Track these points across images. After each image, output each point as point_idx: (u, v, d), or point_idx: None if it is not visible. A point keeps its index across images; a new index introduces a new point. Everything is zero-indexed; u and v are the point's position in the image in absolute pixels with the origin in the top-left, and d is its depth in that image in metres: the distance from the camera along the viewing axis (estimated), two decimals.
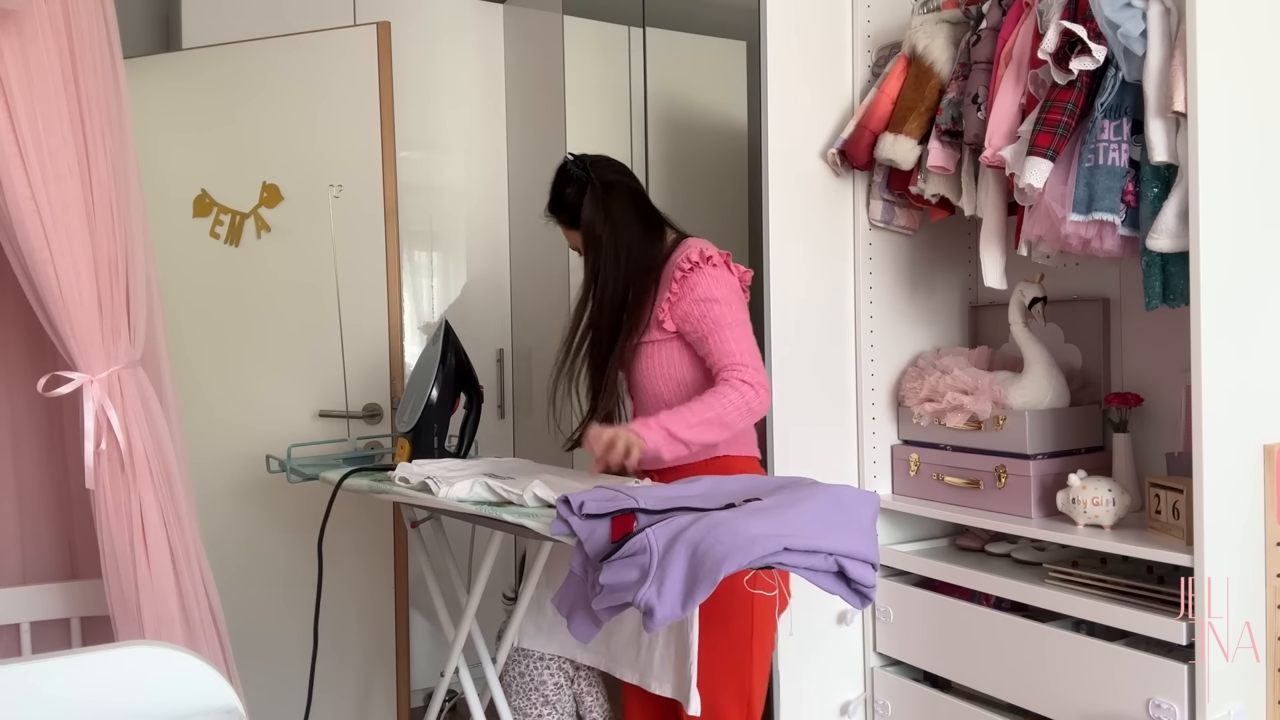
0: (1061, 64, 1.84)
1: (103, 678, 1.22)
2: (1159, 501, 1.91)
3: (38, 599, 1.85)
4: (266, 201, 2.78)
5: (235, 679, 1.72)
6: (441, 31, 3.30)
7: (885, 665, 2.38)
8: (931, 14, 2.23)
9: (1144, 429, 2.19)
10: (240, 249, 2.78)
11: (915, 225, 2.41)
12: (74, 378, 1.58)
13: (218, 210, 2.78)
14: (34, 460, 1.91)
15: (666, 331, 1.94)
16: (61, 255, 1.52)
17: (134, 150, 1.68)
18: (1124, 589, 1.90)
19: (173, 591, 1.64)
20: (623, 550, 1.36)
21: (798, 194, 2.30)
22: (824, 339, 2.34)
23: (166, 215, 2.75)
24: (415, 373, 2.18)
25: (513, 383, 3.42)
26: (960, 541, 2.38)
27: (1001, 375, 2.20)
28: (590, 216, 2.00)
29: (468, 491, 1.74)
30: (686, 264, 1.89)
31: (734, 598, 1.82)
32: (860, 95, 2.36)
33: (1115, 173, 1.81)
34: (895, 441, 2.44)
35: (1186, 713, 1.75)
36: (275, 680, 2.67)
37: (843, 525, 1.39)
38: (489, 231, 3.42)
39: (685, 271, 1.89)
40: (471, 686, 2.12)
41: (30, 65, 1.48)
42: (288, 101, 2.77)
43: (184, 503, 1.68)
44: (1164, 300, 1.84)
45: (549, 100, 3.14)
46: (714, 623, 1.85)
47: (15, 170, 1.47)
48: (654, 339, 1.96)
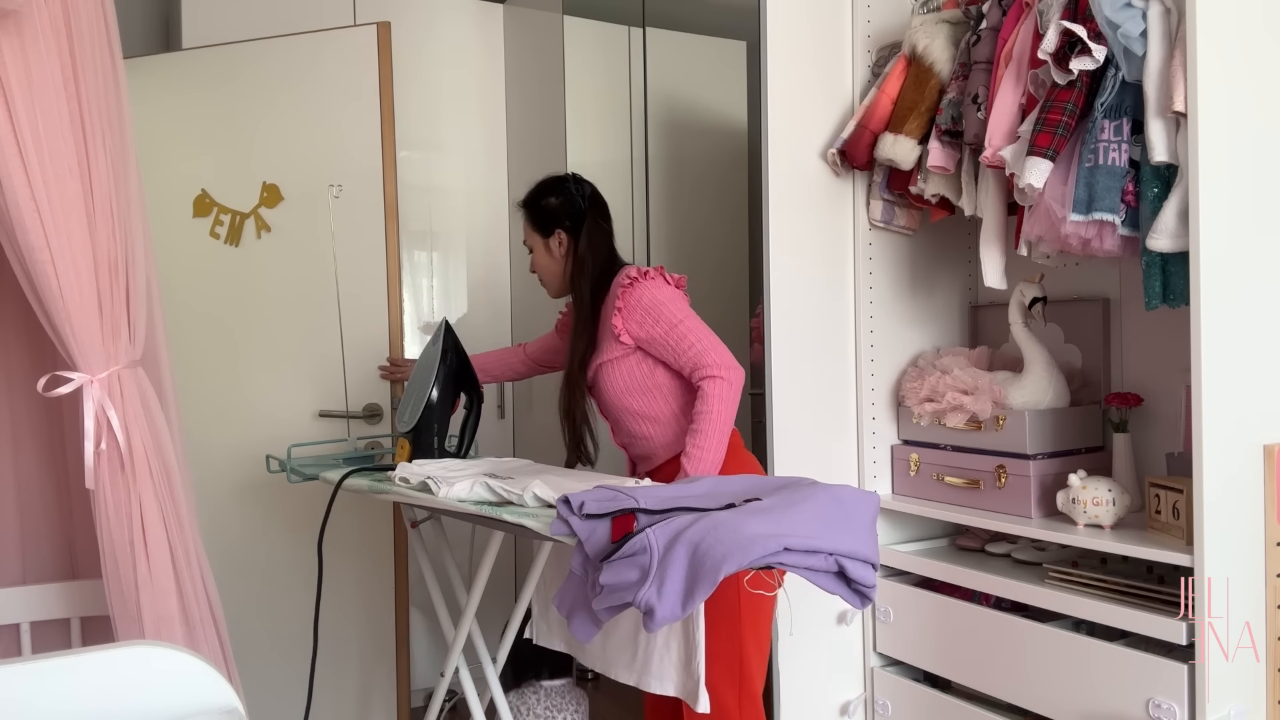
0: (1061, 64, 1.84)
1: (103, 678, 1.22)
2: (1159, 501, 1.91)
3: (38, 599, 1.85)
4: (267, 201, 2.77)
5: (235, 679, 1.72)
6: (441, 31, 3.30)
7: (885, 665, 2.38)
8: (931, 14, 2.23)
9: (1144, 429, 2.19)
10: (240, 249, 2.78)
11: (915, 225, 2.41)
12: (74, 378, 1.58)
13: (218, 210, 2.78)
14: (34, 460, 1.90)
15: (625, 345, 2.04)
16: (61, 255, 1.52)
17: (134, 150, 1.68)
18: (1124, 589, 1.90)
19: (173, 591, 1.64)
20: (623, 550, 1.35)
21: (798, 194, 2.30)
22: (824, 339, 2.34)
23: (167, 215, 2.75)
24: (415, 373, 2.18)
25: (513, 383, 3.42)
26: (960, 541, 2.38)
27: (1001, 375, 2.20)
28: (567, 228, 2.17)
29: (468, 491, 1.74)
30: (627, 280, 2.04)
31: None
32: (860, 95, 2.36)
33: (1115, 173, 1.81)
34: (895, 441, 2.44)
35: (1186, 713, 1.75)
36: (275, 680, 2.67)
37: (843, 525, 1.39)
38: (489, 231, 3.42)
39: (626, 286, 2.03)
40: (471, 686, 2.13)
41: (30, 65, 1.48)
42: (288, 101, 2.77)
43: (184, 503, 1.68)
44: (1164, 300, 1.84)
45: (549, 100, 3.14)
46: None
47: (15, 170, 1.47)
48: (613, 356, 2.06)
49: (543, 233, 2.20)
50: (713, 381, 1.95)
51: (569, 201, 2.17)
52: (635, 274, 2.04)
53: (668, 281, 2.07)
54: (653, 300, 2.01)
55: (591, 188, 2.22)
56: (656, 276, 2.05)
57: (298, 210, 2.77)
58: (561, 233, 2.17)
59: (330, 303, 2.66)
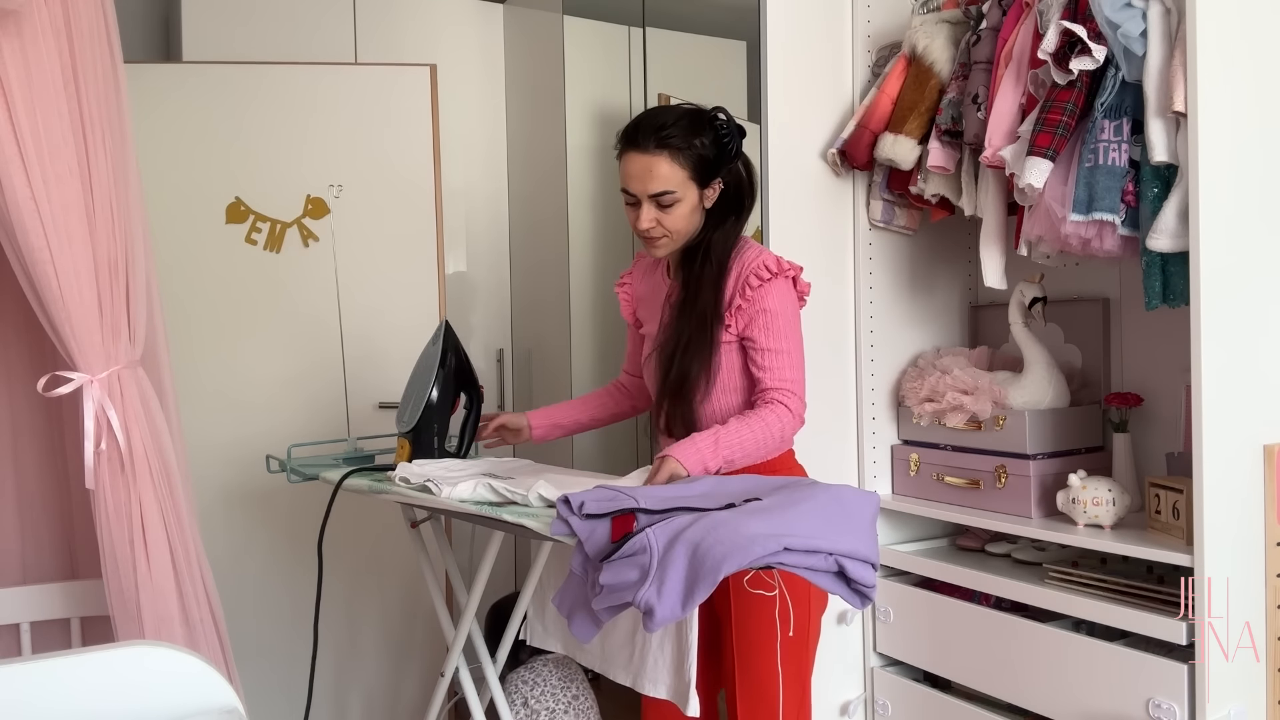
0: (1061, 64, 1.84)
1: (103, 678, 1.22)
2: (1159, 501, 1.91)
3: (38, 599, 1.85)
4: (312, 213, 2.83)
5: (235, 679, 1.72)
6: (441, 31, 3.30)
7: (885, 665, 2.38)
8: (931, 14, 2.23)
9: (1144, 429, 2.19)
10: (281, 255, 2.81)
11: (915, 225, 2.41)
12: (74, 378, 1.58)
13: (255, 218, 2.79)
14: (34, 460, 1.90)
15: (730, 334, 1.83)
16: (61, 255, 1.52)
17: (134, 150, 1.68)
18: (1124, 589, 1.90)
19: (173, 591, 1.64)
20: (623, 550, 1.35)
21: (798, 194, 2.30)
22: (824, 339, 2.34)
23: (198, 220, 2.76)
24: (415, 373, 2.17)
25: (513, 383, 3.42)
26: (960, 541, 2.38)
27: (1001, 375, 2.20)
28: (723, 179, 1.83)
29: (470, 492, 1.74)
30: (756, 279, 1.78)
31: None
32: (860, 95, 2.36)
33: (1115, 173, 1.81)
34: (895, 441, 2.44)
35: (1186, 713, 1.75)
36: (275, 680, 2.67)
37: (843, 525, 1.39)
38: (489, 231, 3.41)
39: (755, 287, 1.78)
40: (471, 686, 2.12)
41: (30, 65, 1.48)
42: (332, 123, 2.85)
43: (184, 503, 1.68)
44: (1164, 300, 1.84)
45: (549, 100, 3.14)
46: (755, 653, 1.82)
47: (15, 170, 1.47)
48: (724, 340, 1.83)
49: (700, 181, 1.81)
50: (785, 410, 1.76)
51: (732, 141, 1.82)
52: (770, 270, 1.79)
53: (795, 287, 1.84)
54: (779, 308, 1.78)
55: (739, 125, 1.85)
56: (788, 282, 1.81)
57: (343, 219, 2.83)
58: (720, 181, 1.83)
59: (369, 307, 2.71)
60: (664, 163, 1.77)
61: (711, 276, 1.82)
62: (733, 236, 1.86)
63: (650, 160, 1.77)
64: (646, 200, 1.79)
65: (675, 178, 1.78)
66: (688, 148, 1.78)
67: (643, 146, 1.78)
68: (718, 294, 1.81)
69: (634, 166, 1.79)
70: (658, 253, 1.87)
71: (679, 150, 1.77)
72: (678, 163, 1.78)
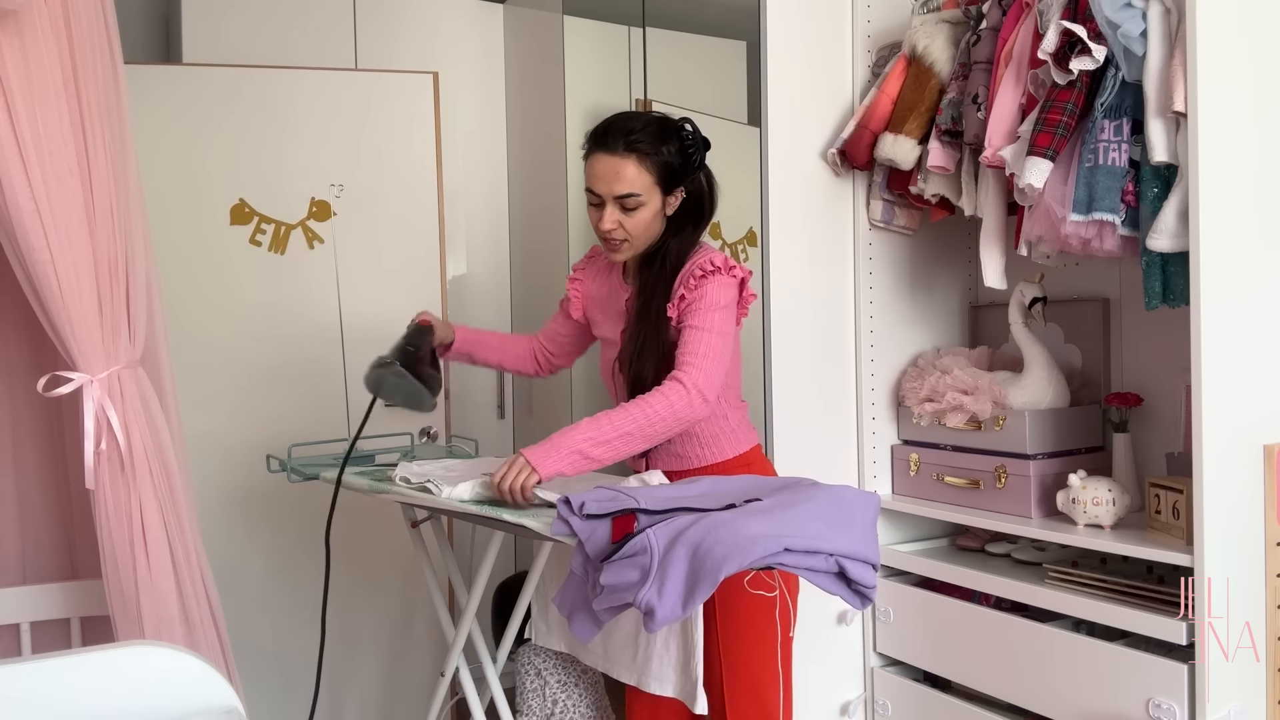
0: (1061, 64, 1.84)
1: (103, 678, 1.22)
2: (1159, 501, 1.91)
3: (38, 599, 1.85)
4: (317, 215, 2.82)
5: (235, 679, 1.72)
6: (441, 31, 3.30)
7: (885, 665, 2.38)
8: (931, 14, 2.23)
9: (1144, 429, 2.19)
10: (285, 257, 2.80)
11: (915, 225, 2.41)
12: (74, 378, 1.58)
13: (259, 220, 2.79)
14: (34, 460, 1.90)
15: (677, 328, 1.83)
16: (61, 255, 1.52)
17: (134, 150, 1.68)
18: (1124, 589, 1.90)
19: (173, 591, 1.64)
20: (623, 550, 1.36)
21: (798, 194, 2.30)
22: (824, 339, 2.34)
23: (203, 221, 2.75)
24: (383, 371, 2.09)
25: (513, 382, 3.42)
26: (960, 541, 2.38)
27: (1001, 375, 2.20)
28: (686, 188, 1.86)
29: (470, 492, 1.74)
30: (711, 267, 1.80)
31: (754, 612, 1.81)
32: (860, 95, 2.36)
33: (1115, 173, 1.81)
34: (895, 441, 2.44)
35: (1186, 713, 1.75)
36: (275, 680, 2.67)
37: (843, 525, 1.39)
38: (489, 231, 3.41)
39: (700, 277, 1.80)
40: (471, 686, 2.12)
41: (30, 65, 1.48)
42: (336, 128, 2.84)
43: (184, 503, 1.68)
44: (1164, 300, 1.84)
45: (549, 100, 3.14)
46: (739, 635, 1.84)
47: (15, 170, 1.47)
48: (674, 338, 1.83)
49: (665, 187, 1.83)
50: (676, 387, 1.71)
51: (696, 152, 1.84)
52: (715, 265, 1.80)
53: (740, 291, 1.84)
54: (714, 297, 1.78)
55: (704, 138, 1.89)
56: (732, 281, 1.82)
57: (348, 223, 2.84)
58: (682, 190, 1.86)
59: (375, 315, 2.70)
60: (631, 166, 1.80)
61: (665, 280, 1.85)
62: (689, 244, 1.89)
63: (618, 162, 1.80)
64: (611, 202, 1.82)
65: (641, 181, 1.81)
66: (655, 154, 1.81)
67: (611, 148, 1.81)
68: (669, 294, 1.84)
69: (601, 167, 1.82)
70: (617, 257, 1.89)
71: (646, 155, 1.80)
72: (644, 167, 1.80)
